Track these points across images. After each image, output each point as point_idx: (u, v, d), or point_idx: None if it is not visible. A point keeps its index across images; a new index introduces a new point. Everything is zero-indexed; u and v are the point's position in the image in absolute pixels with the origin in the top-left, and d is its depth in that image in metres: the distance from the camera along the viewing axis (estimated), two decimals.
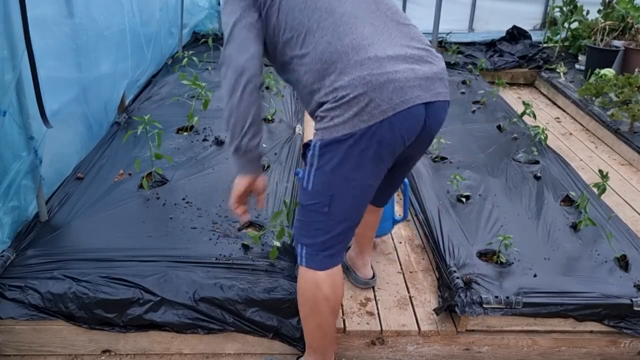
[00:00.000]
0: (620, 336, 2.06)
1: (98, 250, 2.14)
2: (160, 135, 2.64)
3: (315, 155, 1.59)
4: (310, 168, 1.61)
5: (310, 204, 1.64)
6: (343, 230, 1.68)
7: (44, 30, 2.42)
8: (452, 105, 4.29)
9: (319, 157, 1.58)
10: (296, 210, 1.74)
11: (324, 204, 1.63)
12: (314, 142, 1.58)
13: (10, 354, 1.99)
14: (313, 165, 1.60)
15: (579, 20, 5.61)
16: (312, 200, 1.63)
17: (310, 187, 1.62)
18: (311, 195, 1.63)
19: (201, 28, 5.94)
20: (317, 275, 1.67)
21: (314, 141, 1.58)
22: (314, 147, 1.58)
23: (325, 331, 1.75)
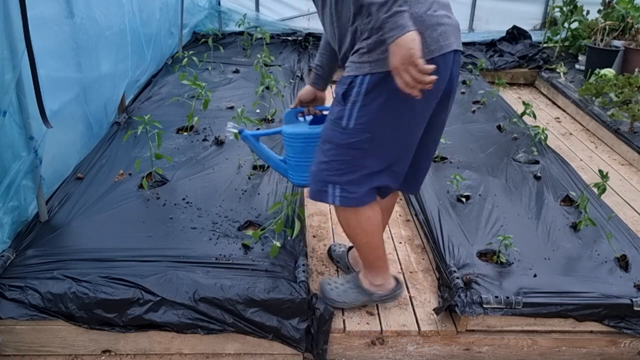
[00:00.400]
0: (620, 336, 2.06)
1: (98, 250, 2.14)
2: (160, 135, 2.64)
3: (361, 92, 1.64)
4: (352, 105, 1.66)
5: (349, 142, 1.70)
6: (379, 170, 1.78)
7: (44, 30, 2.42)
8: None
9: (366, 94, 1.64)
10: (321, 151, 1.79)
11: (364, 141, 1.70)
12: (359, 77, 1.63)
13: (10, 354, 1.99)
14: (357, 102, 1.65)
15: (579, 20, 5.61)
16: (352, 139, 1.70)
17: (351, 125, 1.68)
18: (351, 133, 1.69)
19: (201, 28, 5.94)
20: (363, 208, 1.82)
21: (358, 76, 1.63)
22: (362, 82, 1.63)
23: (374, 244, 1.94)
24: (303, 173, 2.13)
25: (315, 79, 2.09)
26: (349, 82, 1.68)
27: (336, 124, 1.72)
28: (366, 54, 1.63)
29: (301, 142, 2.10)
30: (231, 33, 6.02)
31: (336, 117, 1.72)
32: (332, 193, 1.79)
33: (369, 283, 2.05)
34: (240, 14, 5.71)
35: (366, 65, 1.63)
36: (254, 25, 5.91)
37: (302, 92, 2.12)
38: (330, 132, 1.75)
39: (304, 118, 2.17)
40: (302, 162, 2.12)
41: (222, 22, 6.17)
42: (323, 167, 1.80)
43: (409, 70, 1.47)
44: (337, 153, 1.75)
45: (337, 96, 1.74)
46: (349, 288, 2.07)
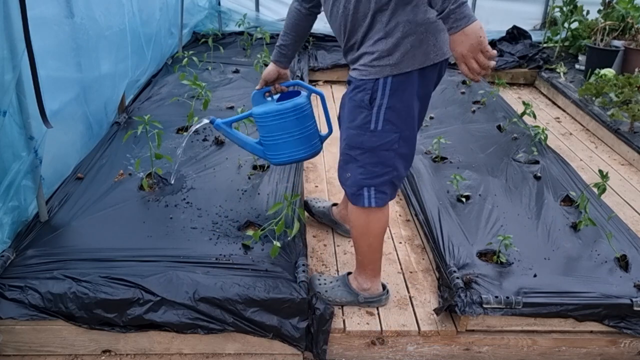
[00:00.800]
0: (620, 336, 2.06)
1: (98, 250, 2.14)
2: (160, 135, 2.64)
3: (385, 95, 1.75)
4: (378, 109, 1.76)
5: (380, 144, 1.80)
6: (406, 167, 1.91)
7: (44, 30, 2.42)
8: (452, 105, 4.32)
9: (390, 96, 1.75)
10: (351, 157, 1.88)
11: (394, 141, 1.81)
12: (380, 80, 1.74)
13: (10, 354, 1.99)
14: (382, 105, 1.76)
15: (579, 20, 5.61)
16: (382, 140, 1.80)
17: (380, 127, 1.78)
18: (380, 135, 1.79)
19: (201, 28, 5.94)
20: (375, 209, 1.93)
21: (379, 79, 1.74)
22: (385, 85, 1.74)
23: (375, 247, 2.04)
24: (280, 151, 2.21)
25: (279, 57, 2.14)
26: (371, 86, 1.76)
27: (364, 129, 1.80)
28: (386, 57, 1.72)
29: (273, 119, 2.16)
30: (231, 33, 6.02)
31: (363, 122, 1.79)
32: (367, 196, 1.89)
33: (357, 285, 2.11)
34: (240, 14, 5.71)
35: (387, 68, 1.73)
36: (254, 25, 5.91)
37: (266, 72, 2.17)
38: (359, 138, 1.82)
39: (272, 97, 2.23)
40: (277, 140, 2.19)
41: (222, 22, 6.16)
42: (357, 172, 1.88)
43: (478, 57, 1.55)
44: (369, 156, 1.83)
45: (360, 102, 1.80)
46: (336, 286, 2.13)
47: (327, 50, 5.64)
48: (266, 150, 2.27)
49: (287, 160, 2.28)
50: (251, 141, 2.34)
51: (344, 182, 1.98)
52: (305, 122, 2.22)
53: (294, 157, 2.27)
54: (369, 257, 2.06)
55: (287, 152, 2.25)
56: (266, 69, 2.18)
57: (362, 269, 2.09)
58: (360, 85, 1.80)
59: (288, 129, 2.18)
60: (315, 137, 2.30)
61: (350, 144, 1.87)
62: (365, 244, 2.02)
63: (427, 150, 3.24)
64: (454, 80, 4.73)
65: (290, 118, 2.17)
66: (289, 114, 2.16)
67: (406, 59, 1.73)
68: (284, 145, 2.22)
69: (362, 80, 1.80)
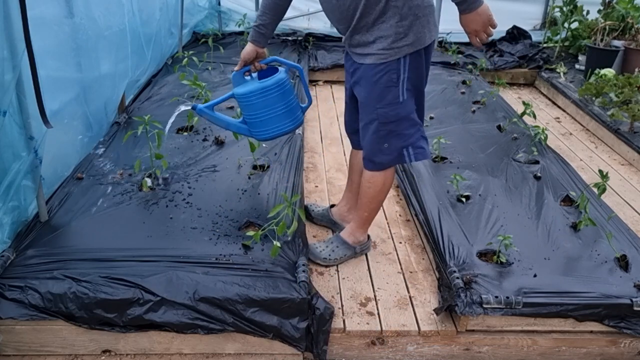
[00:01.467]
0: (620, 336, 2.06)
1: (98, 250, 2.14)
2: (160, 136, 2.64)
3: (406, 70, 2.04)
4: (402, 83, 2.05)
5: (407, 110, 2.10)
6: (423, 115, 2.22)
7: (44, 30, 2.42)
8: (452, 105, 4.31)
9: (409, 70, 2.04)
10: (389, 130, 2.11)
11: (414, 102, 2.12)
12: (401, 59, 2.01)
13: (10, 354, 1.99)
14: (405, 79, 2.05)
15: (579, 20, 5.61)
16: (408, 106, 2.10)
17: (405, 96, 2.07)
18: (407, 102, 2.09)
19: (201, 28, 5.94)
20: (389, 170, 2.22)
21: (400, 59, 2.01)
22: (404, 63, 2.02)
23: (381, 203, 2.35)
24: (265, 127, 2.31)
25: (257, 37, 2.22)
26: (395, 66, 2.03)
27: (395, 104, 2.08)
28: (403, 39, 1.99)
29: (257, 97, 2.23)
30: (231, 33, 6.02)
31: (393, 98, 2.07)
32: (407, 154, 2.16)
33: (354, 239, 2.40)
34: (240, 14, 5.71)
35: (404, 48, 2.01)
36: None
37: (245, 52, 2.24)
38: (393, 112, 2.09)
39: (251, 76, 2.29)
40: (262, 117, 2.28)
41: (222, 22, 6.16)
42: (395, 139, 2.13)
43: (487, 30, 1.96)
44: (404, 124, 2.11)
45: (388, 82, 2.05)
46: (335, 247, 2.39)
47: (327, 50, 5.64)
48: (251, 128, 2.34)
49: (273, 135, 2.36)
50: (234, 121, 2.39)
51: (383, 152, 2.17)
52: (287, 97, 2.30)
53: (280, 130, 2.34)
54: (375, 213, 2.38)
55: (273, 127, 2.32)
56: (244, 49, 2.24)
57: (364, 224, 2.39)
58: (383, 69, 2.04)
59: (272, 105, 2.26)
60: (297, 110, 2.38)
61: (385, 120, 2.10)
62: (377, 202, 2.31)
63: None
64: (454, 80, 4.73)
65: (273, 94, 2.24)
66: (272, 91, 2.24)
67: (419, 37, 2.01)
68: (269, 121, 2.29)
69: (383, 64, 2.03)
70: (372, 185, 2.26)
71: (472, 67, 5.10)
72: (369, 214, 2.35)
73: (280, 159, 2.97)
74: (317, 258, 2.36)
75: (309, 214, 2.69)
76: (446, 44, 5.75)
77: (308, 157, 3.51)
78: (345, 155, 3.59)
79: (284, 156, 3.00)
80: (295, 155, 3.02)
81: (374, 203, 2.31)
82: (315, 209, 2.71)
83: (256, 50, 2.24)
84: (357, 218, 2.39)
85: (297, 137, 3.29)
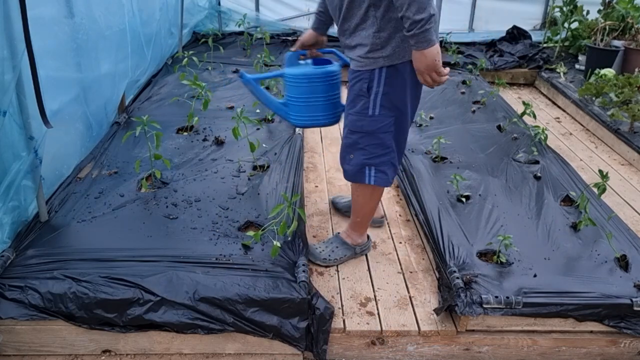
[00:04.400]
0: (620, 336, 2.06)
1: (98, 250, 2.14)
2: (159, 136, 2.63)
3: (381, 83, 1.97)
4: (375, 96, 1.98)
5: (378, 127, 2.04)
6: (401, 148, 2.16)
7: (44, 30, 2.42)
8: (452, 105, 4.31)
9: (385, 84, 1.97)
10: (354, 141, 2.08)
11: (390, 124, 2.04)
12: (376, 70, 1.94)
13: (10, 354, 1.99)
14: (379, 93, 1.98)
15: (579, 20, 5.61)
16: (380, 124, 2.03)
17: (377, 112, 2.01)
18: (378, 119, 2.02)
19: (201, 28, 5.94)
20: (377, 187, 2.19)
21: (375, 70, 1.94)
22: (380, 75, 1.95)
23: (373, 211, 2.37)
24: (303, 113, 2.34)
25: (318, 23, 2.27)
26: (368, 76, 1.98)
27: (363, 115, 2.03)
28: (379, 50, 1.93)
29: (306, 82, 2.26)
30: (231, 33, 6.02)
31: (362, 108, 2.02)
32: (368, 174, 2.14)
33: (352, 241, 2.41)
34: (240, 14, 5.71)
35: (380, 60, 1.94)
36: (254, 25, 5.91)
37: (304, 36, 2.30)
38: (359, 123, 2.06)
39: (305, 61, 2.34)
40: (302, 103, 2.31)
41: (222, 22, 6.17)
42: (359, 153, 2.11)
43: (431, 75, 1.87)
44: (369, 139, 2.07)
45: (359, 90, 2.02)
46: (335, 248, 2.40)
47: None
48: (290, 111, 2.36)
49: (308, 123, 2.40)
50: (275, 101, 2.41)
51: (347, 162, 2.18)
52: (333, 90, 2.32)
53: (315, 122, 2.38)
54: (368, 218, 2.38)
55: (310, 115, 2.35)
56: (305, 33, 2.31)
57: (359, 227, 2.39)
58: (358, 76, 2.02)
59: (316, 93, 2.28)
60: (339, 107, 2.39)
61: (352, 128, 2.09)
62: (368, 209, 2.33)
63: (427, 150, 3.24)
64: (454, 80, 4.73)
65: (320, 83, 2.27)
66: (321, 79, 2.26)
67: (397, 52, 1.93)
68: (309, 108, 2.32)
69: (359, 72, 2.01)
70: (361, 194, 2.27)
71: (472, 67, 5.10)
72: (361, 219, 2.36)
73: (280, 159, 2.97)
74: (317, 259, 2.36)
75: (335, 206, 2.79)
76: (446, 44, 5.75)
77: (308, 157, 3.51)
78: None
79: (284, 156, 3.00)
80: (295, 155, 3.02)
81: (365, 209, 2.32)
82: (341, 201, 2.78)
83: (316, 37, 2.30)
84: (351, 222, 2.40)
85: (297, 137, 3.29)
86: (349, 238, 2.41)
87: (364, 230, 2.42)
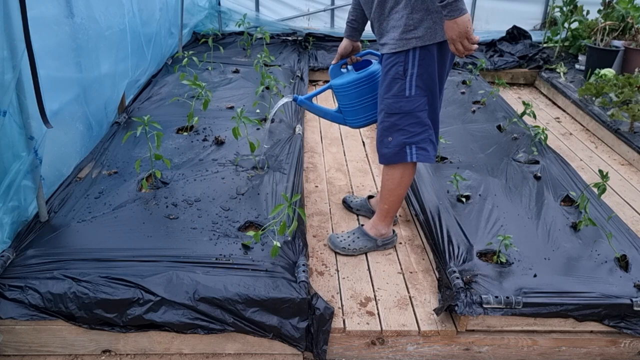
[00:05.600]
0: (620, 336, 2.06)
1: (98, 250, 2.14)
2: (160, 137, 2.63)
3: (415, 64, 2.08)
4: (410, 77, 2.10)
5: (415, 107, 2.15)
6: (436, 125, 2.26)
7: (44, 30, 2.42)
8: (452, 105, 4.32)
9: (419, 65, 2.08)
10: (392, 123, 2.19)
11: (425, 103, 2.16)
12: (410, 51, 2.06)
13: (10, 354, 1.99)
14: (414, 74, 2.10)
15: (579, 20, 5.61)
16: (417, 103, 2.15)
17: (413, 93, 2.13)
18: (414, 99, 2.14)
19: (201, 28, 5.94)
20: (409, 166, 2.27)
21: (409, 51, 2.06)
22: (414, 56, 2.07)
23: (402, 198, 2.41)
24: (358, 115, 2.47)
25: (351, 32, 2.41)
26: (403, 59, 2.09)
27: (400, 96, 2.14)
28: (412, 31, 2.04)
29: (354, 88, 2.40)
30: (231, 33, 6.02)
31: (399, 90, 2.13)
32: (409, 153, 2.22)
33: (376, 232, 2.47)
34: (240, 14, 5.71)
35: (413, 41, 2.06)
36: (254, 25, 5.91)
37: (342, 47, 2.43)
38: (397, 104, 2.16)
39: (347, 69, 2.48)
40: (356, 106, 2.44)
41: (222, 22, 6.17)
42: (399, 134, 2.20)
43: (463, 42, 1.94)
44: (408, 119, 2.17)
45: (395, 74, 2.12)
46: (356, 238, 2.47)
47: (327, 50, 5.64)
48: (346, 117, 2.51)
49: (365, 123, 2.50)
50: (331, 111, 2.57)
51: (386, 145, 2.25)
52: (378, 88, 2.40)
53: (371, 119, 2.47)
54: (395, 206, 2.41)
55: (365, 115, 2.46)
56: (341, 44, 2.44)
57: (385, 217, 2.44)
58: (393, 60, 2.12)
59: (365, 94, 2.41)
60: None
61: (389, 111, 2.19)
62: (396, 195, 2.36)
63: None
64: (454, 80, 4.73)
65: (365, 85, 2.39)
66: (366, 82, 2.38)
67: (429, 33, 2.04)
68: (362, 109, 2.44)
69: (394, 55, 2.11)
70: (390, 178, 2.34)
71: (472, 67, 5.10)
72: (389, 206, 2.41)
73: (280, 159, 2.97)
74: (336, 247, 2.45)
75: (348, 205, 2.85)
76: None
77: (308, 157, 3.51)
78: (345, 155, 3.59)
79: (284, 156, 3.00)
80: (295, 155, 3.02)
81: (393, 196, 2.37)
82: (354, 200, 2.85)
83: (352, 44, 2.43)
84: (378, 210, 2.46)
85: (297, 137, 3.29)
86: (373, 229, 2.47)
87: (389, 220, 2.46)
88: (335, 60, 2.46)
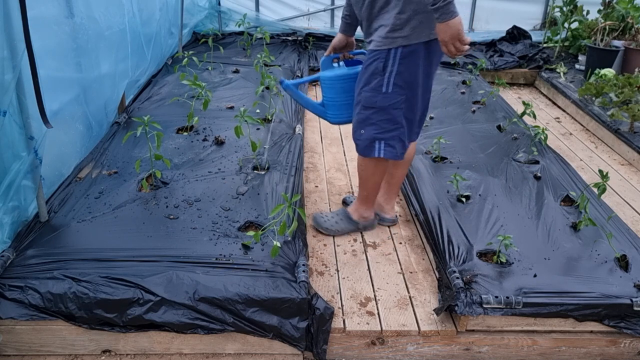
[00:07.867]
0: (620, 336, 2.06)
1: (98, 250, 2.14)
2: (160, 137, 2.63)
3: (396, 62, 2.11)
4: (389, 75, 2.13)
5: (390, 104, 2.18)
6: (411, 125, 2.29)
7: (44, 30, 2.42)
8: (452, 105, 4.32)
9: (399, 64, 2.11)
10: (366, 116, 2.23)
11: (401, 102, 2.19)
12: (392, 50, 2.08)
13: (10, 354, 1.99)
14: (393, 71, 2.12)
15: (579, 20, 5.61)
16: (392, 101, 2.18)
17: (390, 90, 2.15)
18: (390, 96, 2.17)
19: (201, 28, 5.94)
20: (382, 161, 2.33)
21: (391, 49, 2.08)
22: (395, 54, 2.09)
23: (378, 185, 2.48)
24: (340, 111, 2.47)
25: (345, 27, 2.42)
26: (384, 55, 2.12)
27: (377, 91, 2.18)
28: (398, 30, 2.06)
29: (341, 83, 2.41)
30: (231, 33, 6.02)
31: (376, 85, 2.17)
32: (378, 148, 2.28)
33: (359, 215, 2.57)
34: (240, 14, 5.71)
35: (398, 40, 2.08)
36: (254, 25, 5.91)
37: (335, 40, 2.44)
38: (373, 99, 2.20)
39: (339, 64, 2.47)
40: (340, 102, 2.45)
41: (222, 22, 6.17)
42: (370, 128, 2.25)
43: (455, 44, 1.97)
44: (381, 114, 2.21)
45: (374, 69, 2.15)
46: (339, 220, 2.58)
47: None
48: (328, 111, 2.51)
49: (345, 120, 2.50)
50: (314, 102, 2.57)
51: (358, 137, 2.32)
52: None
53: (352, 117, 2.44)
54: (374, 192, 2.50)
55: (347, 112, 2.45)
56: (335, 37, 2.44)
57: (366, 202, 2.53)
58: (375, 56, 2.15)
59: (351, 92, 2.39)
60: None
61: (365, 104, 2.23)
62: (372, 182, 2.44)
63: (427, 150, 3.24)
64: (454, 80, 4.73)
65: (352, 82, 2.37)
66: (353, 79, 2.37)
67: (414, 32, 2.07)
68: (345, 106, 2.44)
69: (376, 51, 2.13)
70: (365, 168, 2.41)
71: (472, 67, 5.10)
72: (368, 192, 2.49)
73: (280, 159, 2.97)
74: (319, 226, 2.57)
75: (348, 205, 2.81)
76: None
77: (308, 157, 3.51)
78: (345, 155, 3.59)
79: (284, 156, 3.00)
80: (295, 155, 3.02)
81: (369, 183, 2.45)
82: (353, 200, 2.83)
83: (346, 39, 2.44)
84: (358, 196, 2.55)
85: (297, 137, 3.29)
86: (355, 213, 2.56)
87: (370, 204, 2.55)
88: (327, 52, 2.46)
